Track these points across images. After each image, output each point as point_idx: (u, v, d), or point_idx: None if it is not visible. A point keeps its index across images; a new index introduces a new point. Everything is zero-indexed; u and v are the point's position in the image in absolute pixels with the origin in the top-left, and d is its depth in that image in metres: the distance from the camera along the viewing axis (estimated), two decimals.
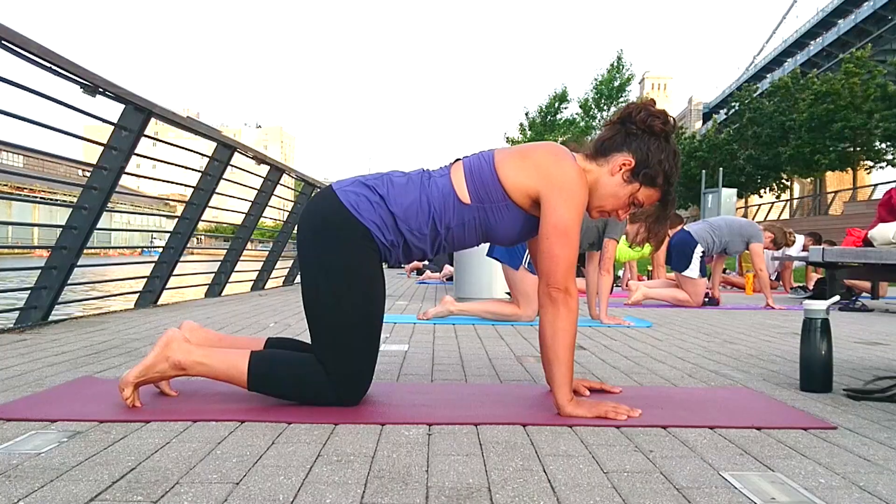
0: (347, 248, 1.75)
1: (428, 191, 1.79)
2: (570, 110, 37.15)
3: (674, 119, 1.82)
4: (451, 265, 7.69)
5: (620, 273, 8.42)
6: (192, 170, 5.42)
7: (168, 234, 5.17)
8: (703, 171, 24.45)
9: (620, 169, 1.78)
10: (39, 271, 3.64)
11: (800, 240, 8.25)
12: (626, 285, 6.76)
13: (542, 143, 1.86)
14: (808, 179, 42.97)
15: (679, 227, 6.56)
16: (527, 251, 3.96)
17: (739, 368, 2.59)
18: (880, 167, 31.17)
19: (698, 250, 5.66)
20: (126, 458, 1.33)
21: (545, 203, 1.73)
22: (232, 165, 5.40)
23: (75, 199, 3.75)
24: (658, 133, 1.77)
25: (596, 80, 35.73)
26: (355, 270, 1.76)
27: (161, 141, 5.16)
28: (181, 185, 5.28)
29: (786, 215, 34.69)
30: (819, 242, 8.53)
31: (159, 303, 4.96)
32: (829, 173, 36.36)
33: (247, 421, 1.63)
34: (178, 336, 1.79)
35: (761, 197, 38.61)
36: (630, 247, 4.69)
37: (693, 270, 5.65)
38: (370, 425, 1.62)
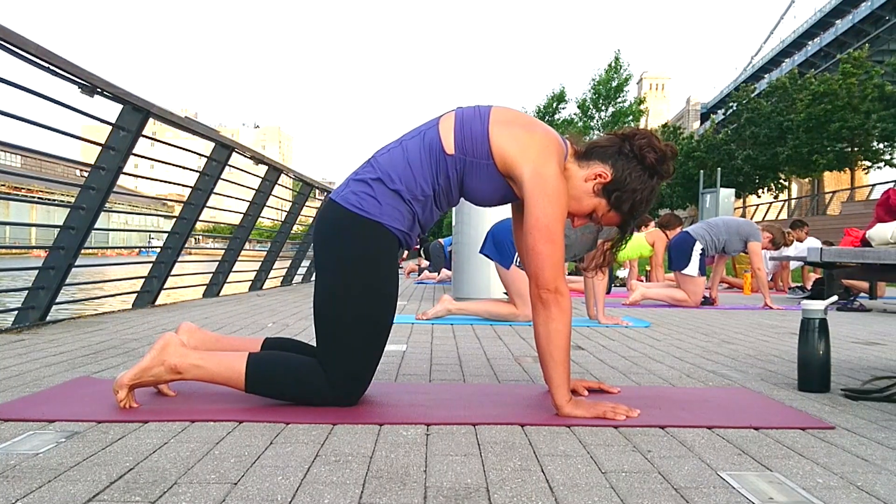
0: (362, 248, 1.74)
1: (417, 149, 1.76)
2: (569, 110, 37.14)
3: (672, 165, 1.79)
4: (449, 269, 7.68)
5: (622, 273, 8.43)
6: (190, 170, 5.42)
7: (166, 235, 5.16)
8: (701, 171, 24.42)
9: (595, 179, 1.77)
10: (37, 271, 3.63)
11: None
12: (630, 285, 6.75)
13: (545, 130, 1.80)
14: (806, 179, 43.04)
15: (678, 229, 6.57)
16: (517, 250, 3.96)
17: (737, 368, 2.59)
18: (878, 167, 31.19)
19: (697, 247, 5.66)
20: (124, 459, 1.33)
21: (528, 196, 1.72)
22: (230, 165, 5.39)
23: (73, 200, 3.75)
24: (647, 165, 1.75)
25: (594, 80, 35.68)
26: (370, 271, 1.75)
27: (159, 141, 5.17)
28: (179, 185, 5.29)
29: (784, 215, 34.70)
30: (804, 227, 8.58)
31: (157, 303, 4.96)
32: (826, 173, 36.38)
33: (245, 421, 1.63)
34: (175, 340, 1.78)
35: (759, 197, 38.64)
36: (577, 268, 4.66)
37: (692, 268, 5.65)
38: (368, 425, 1.62)
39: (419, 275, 10.20)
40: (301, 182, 8.02)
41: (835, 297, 2.36)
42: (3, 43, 2.90)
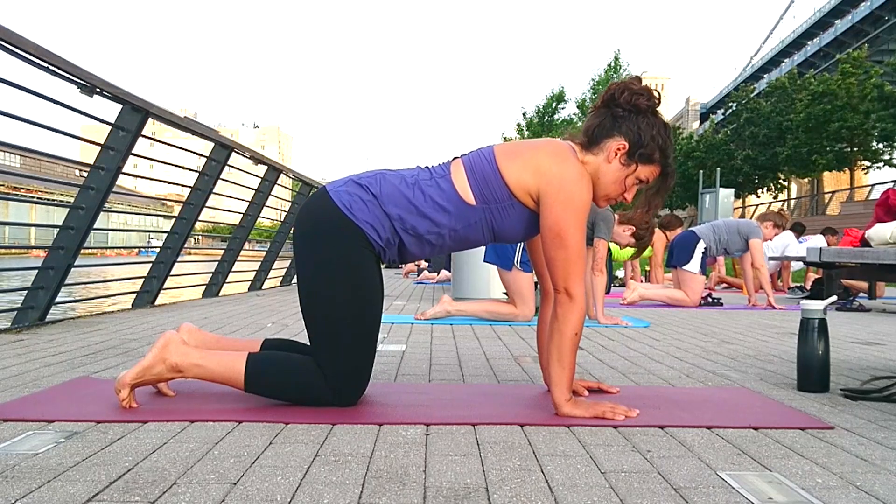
0: (342, 248, 1.75)
1: (428, 192, 1.76)
2: (568, 110, 37.17)
3: (658, 93, 1.80)
4: (449, 270, 7.68)
5: (622, 273, 8.43)
6: (190, 170, 5.42)
7: (165, 235, 5.16)
8: (701, 171, 24.43)
9: (616, 154, 1.77)
10: (36, 271, 3.63)
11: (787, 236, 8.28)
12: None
13: (545, 141, 1.83)
14: (806, 179, 43.03)
15: (679, 230, 6.58)
16: (517, 250, 3.99)
17: (737, 368, 2.59)
18: (877, 167, 31.18)
19: (700, 245, 5.70)
20: (123, 459, 1.33)
21: (542, 204, 1.73)
22: (229, 165, 5.39)
23: (72, 200, 3.75)
24: (644, 110, 1.76)
25: (593, 80, 35.68)
26: (350, 270, 1.75)
27: (158, 141, 5.17)
28: (178, 185, 5.29)
29: None
30: (802, 230, 8.61)
31: (156, 303, 4.96)
32: (826, 173, 36.38)
33: (244, 421, 1.63)
34: (176, 338, 1.79)
35: (759, 197, 38.65)
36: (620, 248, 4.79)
37: (693, 265, 5.67)
38: (368, 425, 1.62)
39: (418, 275, 10.19)
40: (300, 182, 8.02)
41: (834, 297, 2.36)
42: (2, 43, 2.90)
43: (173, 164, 5.16)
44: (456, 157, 1.85)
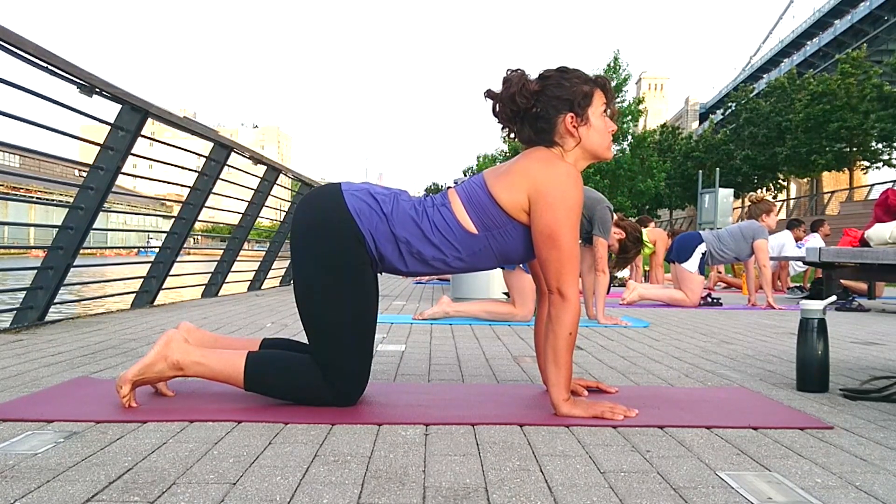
0: (342, 247, 1.75)
1: (434, 220, 1.77)
2: None
3: (515, 69, 1.82)
4: None
5: (621, 273, 8.42)
6: (189, 170, 5.42)
7: (164, 235, 5.16)
8: (700, 171, 24.44)
9: (574, 126, 1.79)
10: (35, 271, 3.63)
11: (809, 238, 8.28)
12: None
13: (527, 152, 1.83)
14: (805, 180, 43.05)
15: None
16: None
17: (736, 368, 2.59)
18: (877, 167, 31.21)
19: (701, 247, 5.72)
20: (123, 459, 1.33)
21: (533, 208, 1.74)
22: (229, 165, 5.39)
23: (72, 200, 3.74)
24: (542, 87, 1.79)
25: None
26: (349, 270, 1.76)
27: (158, 141, 5.17)
28: (178, 185, 5.28)
29: (783, 215, 34.70)
30: (800, 225, 8.61)
31: (156, 303, 4.96)
32: (825, 173, 36.40)
33: (244, 421, 1.63)
34: (178, 336, 1.80)
35: None
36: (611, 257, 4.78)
37: (691, 264, 5.69)
38: (367, 425, 1.62)
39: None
40: (300, 182, 8.02)
41: (833, 297, 2.36)
42: (1, 43, 2.90)
43: (172, 164, 5.15)
44: (450, 187, 1.86)
